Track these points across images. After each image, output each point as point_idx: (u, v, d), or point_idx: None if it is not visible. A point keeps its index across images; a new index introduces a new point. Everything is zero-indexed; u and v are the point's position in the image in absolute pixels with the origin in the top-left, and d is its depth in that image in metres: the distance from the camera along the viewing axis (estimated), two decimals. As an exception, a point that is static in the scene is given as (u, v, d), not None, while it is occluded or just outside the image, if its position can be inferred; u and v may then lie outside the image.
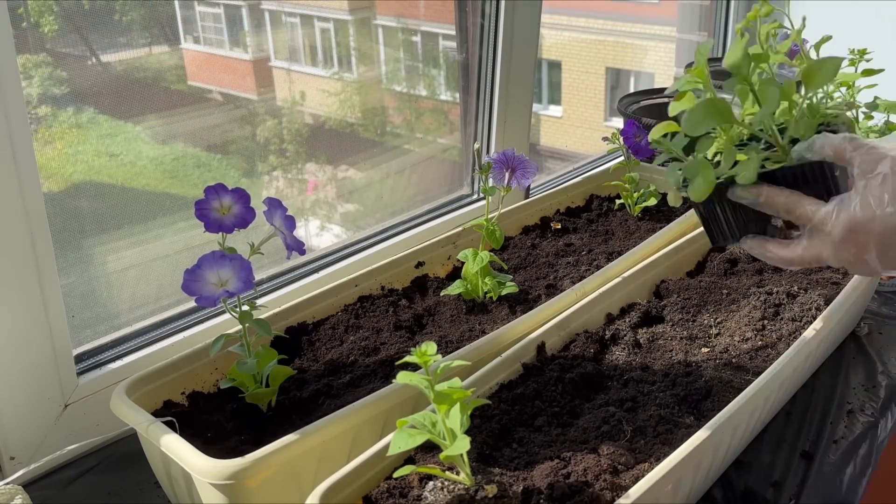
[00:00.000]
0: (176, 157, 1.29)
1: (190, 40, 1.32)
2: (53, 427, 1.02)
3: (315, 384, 1.00)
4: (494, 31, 1.52)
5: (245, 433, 0.93)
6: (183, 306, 1.19)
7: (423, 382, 0.74)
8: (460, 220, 1.50)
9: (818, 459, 1.00)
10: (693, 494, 0.90)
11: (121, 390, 0.93)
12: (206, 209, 0.89)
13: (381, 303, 1.18)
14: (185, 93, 1.32)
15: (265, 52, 1.52)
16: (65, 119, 1.14)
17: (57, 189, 1.14)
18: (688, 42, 2.44)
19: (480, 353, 1.00)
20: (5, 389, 0.97)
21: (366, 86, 1.73)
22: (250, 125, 1.44)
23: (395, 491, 0.79)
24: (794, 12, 2.25)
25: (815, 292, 1.15)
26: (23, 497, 0.81)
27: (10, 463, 0.99)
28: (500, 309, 1.16)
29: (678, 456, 0.79)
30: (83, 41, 1.14)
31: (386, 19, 1.70)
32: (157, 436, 0.86)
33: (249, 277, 0.88)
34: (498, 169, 1.18)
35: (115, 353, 1.11)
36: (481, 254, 1.17)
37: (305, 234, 1.70)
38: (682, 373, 0.99)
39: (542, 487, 0.77)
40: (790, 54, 1.32)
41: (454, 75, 1.69)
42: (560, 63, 5.13)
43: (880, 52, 1.40)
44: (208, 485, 0.81)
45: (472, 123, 1.61)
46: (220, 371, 1.03)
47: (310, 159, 1.61)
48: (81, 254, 1.14)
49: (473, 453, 0.82)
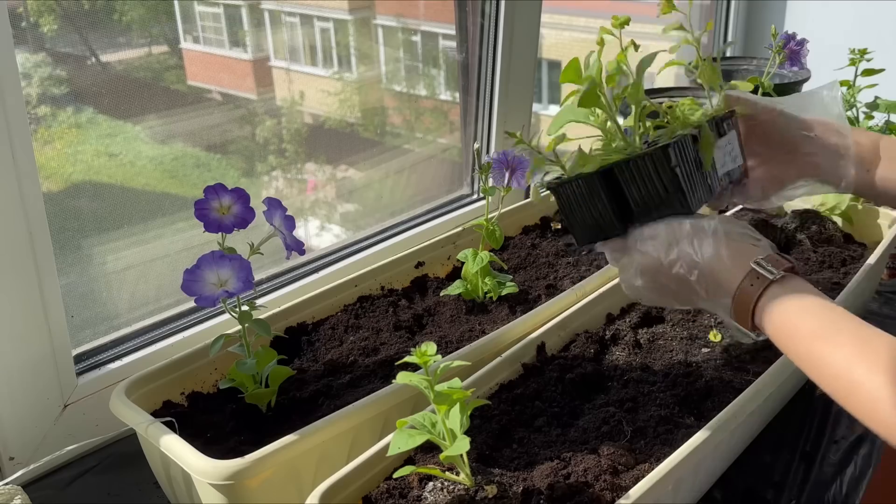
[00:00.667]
0: (175, 157, 1.29)
1: (189, 40, 1.32)
2: (53, 427, 1.02)
3: (315, 384, 1.00)
4: (494, 30, 1.52)
5: (244, 433, 0.93)
6: (182, 306, 1.19)
7: (422, 383, 0.74)
8: (460, 220, 1.50)
9: (818, 459, 1.00)
10: (693, 495, 0.90)
11: (120, 390, 0.93)
12: (205, 209, 0.89)
13: (381, 303, 1.18)
14: (184, 93, 1.32)
15: (265, 52, 1.51)
16: (64, 119, 1.13)
17: (56, 189, 1.14)
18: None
19: (480, 353, 0.99)
20: (4, 389, 0.97)
21: (365, 86, 1.73)
22: (250, 125, 1.44)
23: (394, 491, 0.79)
24: (794, 12, 2.25)
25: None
26: (22, 497, 0.81)
27: (10, 463, 0.99)
28: (500, 309, 1.16)
29: (678, 456, 0.78)
30: (83, 41, 1.14)
31: (386, 19, 1.70)
32: (156, 436, 0.86)
33: (249, 277, 0.88)
34: (498, 169, 1.18)
35: (114, 353, 1.11)
36: (481, 254, 1.17)
37: (305, 234, 1.70)
38: (683, 373, 0.99)
39: (542, 488, 0.77)
40: (789, 54, 1.32)
41: (454, 75, 1.69)
42: (560, 63, 5.13)
43: (880, 52, 1.40)
44: (208, 485, 0.81)
45: (472, 123, 1.61)
46: (220, 371, 1.03)
47: (309, 159, 1.61)
48: (81, 254, 1.14)
49: (473, 454, 0.82)
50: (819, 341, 0.73)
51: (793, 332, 0.75)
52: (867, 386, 0.68)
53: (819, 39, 1.47)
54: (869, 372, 0.68)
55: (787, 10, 2.20)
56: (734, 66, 1.95)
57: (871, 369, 0.68)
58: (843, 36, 1.60)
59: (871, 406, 0.67)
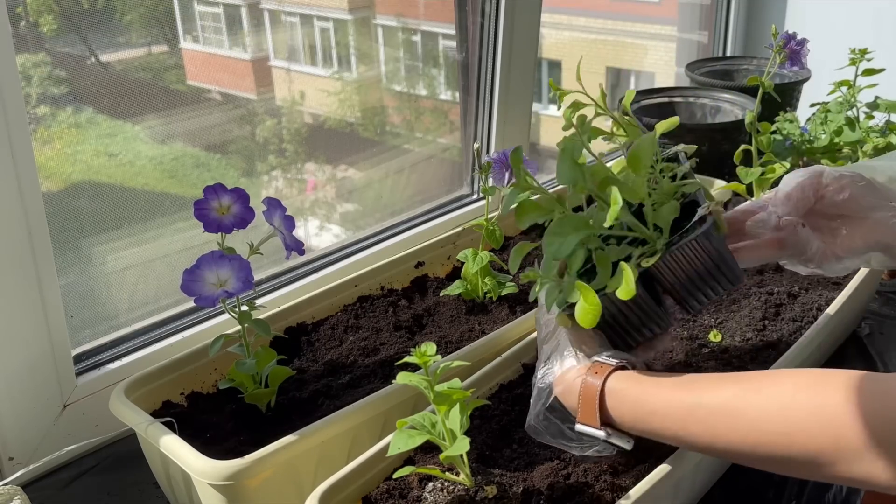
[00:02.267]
0: (175, 157, 1.29)
1: (189, 40, 1.32)
2: (52, 427, 1.02)
3: (314, 384, 0.99)
4: (494, 30, 1.52)
5: (244, 434, 0.93)
6: (182, 306, 1.18)
7: (422, 383, 0.74)
8: (460, 220, 1.50)
9: (819, 460, 1.00)
10: (693, 495, 0.90)
11: (120, 391, 0.93)
12: (205, 209, 0.89)
13: (381, 303, 1.18)
14: (184, 92, 1.32)
15: (264, 52, 1.51)
16: (64, 119, 1.13)
17: (56, 189, 1.14)
18: (688, 41, 2.44)
19: (480, 353, 0.99)
20: (4, 390, 0.97)
21: (365, 85, 1.73)
22: (249, 125, 1.44)
23: (394, 492, 0.79)
24: (794, 12, 2.25)
25: (815, 292, 1.15)
26: (21, 498, 0.81)
27: (9, 463, 0.99)
28: (500, 309, 1.16)
29: (678, 456, 0.78)
30: (82, 41, 1.14)
31: (386, 19, 1.70)
32: (156, 436, 0.86)
33: (248, 277, 0.88)
34: (498, 169, 1.17)
35: (114, 353, 1.11)
36: (481, 254, 1.16)
37: (305, 233, 1.70)
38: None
39: (542, 488, 0.77)
40: (790, 53, 1.32)
41: (454, 75, 1.68)
42: (560, 63, 5.13)
43: (880, 51, 1.40)
44: (207, 485, 0.81)
45: (472, 123, 1.61)
46: (220, 371, 1.03)
47: (309, 159, 1.61)
48: (80, 254, 1.14)
49: (473, 454, 0.82)
50: (685, 391, 0.70)
51: (656, 399, 0.72)
52: (829, 409, 0.62)
53: (819, 39, 1.46)
54: (816, 396, 0.63)
55: (787, 10, 2.20)
56: (734, 65, 1.96)
57: (816, 393, 0.63)
58: (843, 36, 1.60)
59: (835, 432, 0.61)
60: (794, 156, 1.43)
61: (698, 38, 2.38)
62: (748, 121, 1.35)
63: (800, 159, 1.47)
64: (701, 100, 1.73)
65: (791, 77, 1.77)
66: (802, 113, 1.59)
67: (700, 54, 2.36)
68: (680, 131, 1.59)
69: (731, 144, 1.46)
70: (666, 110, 1.73)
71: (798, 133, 1.43)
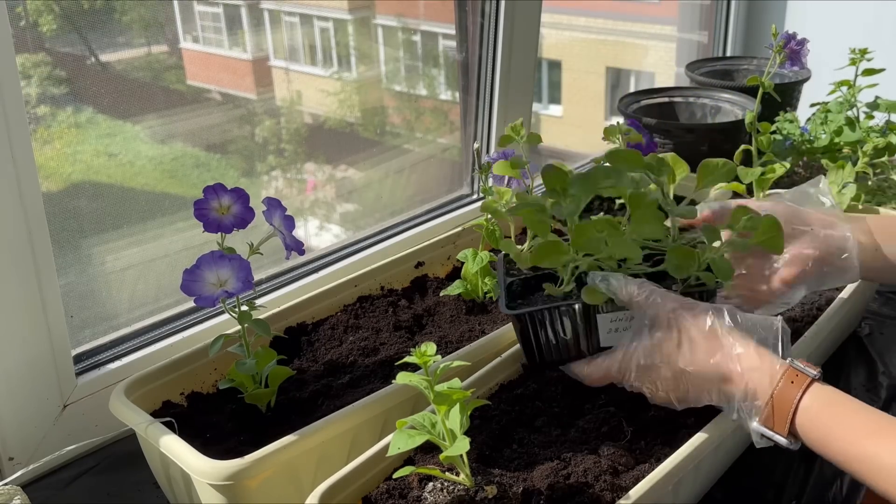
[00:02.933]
0: (175, 157, 1.29)
1: (189, 40, 1.32)
2: (52, 427, 1.02)
3: (314, 385, 0.99)
4: (494, 30, 1.52)
5: (244, 434, 0.93)
6: (182, 306, 1.18)
7: (422, 383, 0.74)
8: (460, 220, 1.50)
9: (819, 460, 1.00)
10: (693, 495, 0.90)
11: (120, 391, 0.93)
12: (205, 209, 0.89)
13: (381, 303, 1.18)
14: (184, 92, 1.32)
15: (264, 52, 1.52)
16: (63, 119, 1.13)
17: (56, 189, 1.14)
18: (688, 41, 2.44)
19: (480, 353, 0.99)
20: (4, 390, 0.97)
21: (365, 85, 1.73)
22: (249, 125, 1.44)
23: (394, 492, 0.79)
24: (794, 12, 2.25)
25: (816, 292, 1.15)
26: (21, 498, 0.81)
27: (9, 464, 0.99)
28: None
29: (678, 456, 0.78)
30: (82, 41, 1.14)
31: (386, 19, 1.70)
32: (156, 436, 0.86)
33: (248, 277, 0.88)
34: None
35: (113, 353, 1.11)
36: (481, 254, 1.16)
37: (305, 233, 1.70)
38: (683, 373, 0.99)
39: (543, 488, 0.77)
40: (790, 53, 1.32)
41: (454, 75, 1.68)
42: (560, 63, 5.13)
43: (880, 52, 1.40)
44: (207, 485, 0.81)
45: (472, 123, 1.61)
46: (220, 371, 1.03)
47: (309, 159, 1.61)
48: (80, 254, 1.14)
49: (473, 454, 0.82)
50: (873, 438, 0.71)
51: (843, 432, 0.73)
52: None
53: (819, 39, 1.46)
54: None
55: (787, 10, 2.20)
56: (734, 65, 1.95)
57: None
58: (843, 36, 1.60)
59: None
60: (795, 156, 1.43)
61: (698, 38, 2.38)
62: (748, 121, 1.35)
63: (800, 159, 1.47)
64: (701, 100, 1.73)
65: (791, 77, 1.77)
66: (802, 113, 1.59)
67: (700, 54, 2.36)
68: (680, 131, 1.60)
69: (731, 144, 1.46)
70: (666, 110, 1.72)
71: (798, 133, 1.43)
